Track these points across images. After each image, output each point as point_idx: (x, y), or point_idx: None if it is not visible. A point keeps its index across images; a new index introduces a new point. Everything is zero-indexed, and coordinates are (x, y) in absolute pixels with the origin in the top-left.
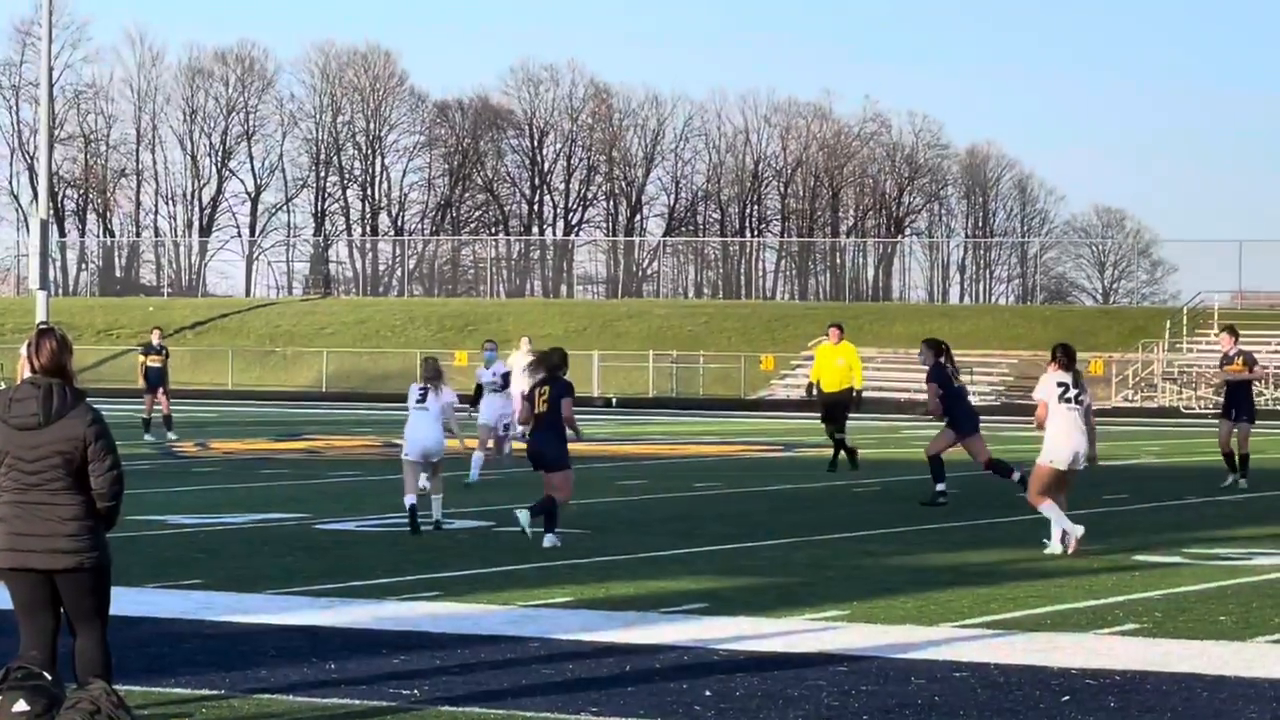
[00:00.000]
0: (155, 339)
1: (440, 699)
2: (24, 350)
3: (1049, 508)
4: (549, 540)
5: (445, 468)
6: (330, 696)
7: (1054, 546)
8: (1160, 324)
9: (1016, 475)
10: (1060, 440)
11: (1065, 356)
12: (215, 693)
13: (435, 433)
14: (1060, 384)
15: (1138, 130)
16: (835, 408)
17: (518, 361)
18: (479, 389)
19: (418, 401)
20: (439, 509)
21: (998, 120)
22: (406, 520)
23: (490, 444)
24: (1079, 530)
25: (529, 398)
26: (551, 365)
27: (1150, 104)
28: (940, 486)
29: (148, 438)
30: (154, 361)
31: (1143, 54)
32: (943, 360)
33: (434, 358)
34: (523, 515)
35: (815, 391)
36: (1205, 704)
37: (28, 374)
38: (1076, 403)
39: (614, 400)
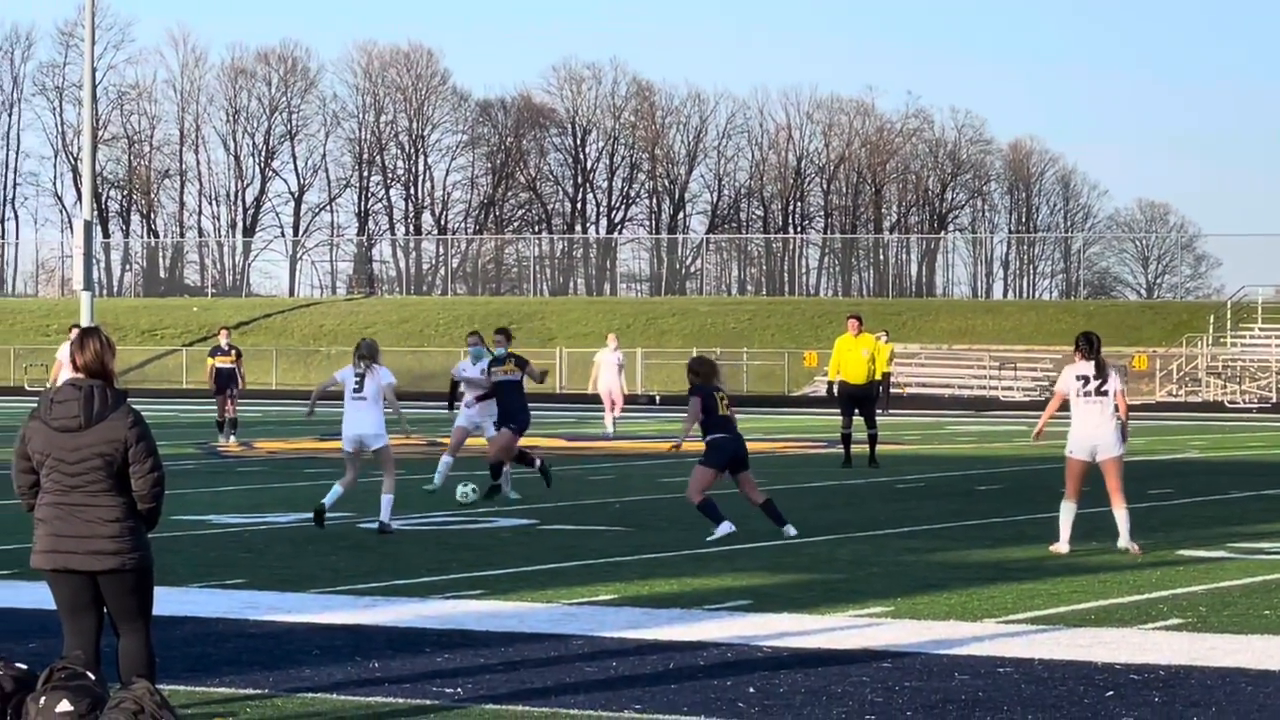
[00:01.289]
0: (224, 340)
1: (484, 697)
2: (61, 354)
3: (1064, 508)
4: (791, 530)
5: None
6: (374, 695)
7: (1059, 545)
8: (1204, 318)
9: (508, 488)
10: (1075, 430)
11: (1087, 345)
12: (259, 692)
13: (371, 420)
14: (1080, 377)
15: (1181, 124)
16: (864, 402)
17: (606, 359)
18: (455, 386)
19: (354, 391)
20: (388, 510)
21: (1040, 115)
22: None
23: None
24: (1063, 547)
25: (705, 402)
26: (712, 372)
27: (1193, 98)
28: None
29: (223, 439)
30: (223, 363)
31: (1186, 48)
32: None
33: (371, 338)
34: (790, 529)
35: (837, 389)
36: (1250, 698)
37: (66, 375)
38: (1098, 394)
39: (657, 398)
